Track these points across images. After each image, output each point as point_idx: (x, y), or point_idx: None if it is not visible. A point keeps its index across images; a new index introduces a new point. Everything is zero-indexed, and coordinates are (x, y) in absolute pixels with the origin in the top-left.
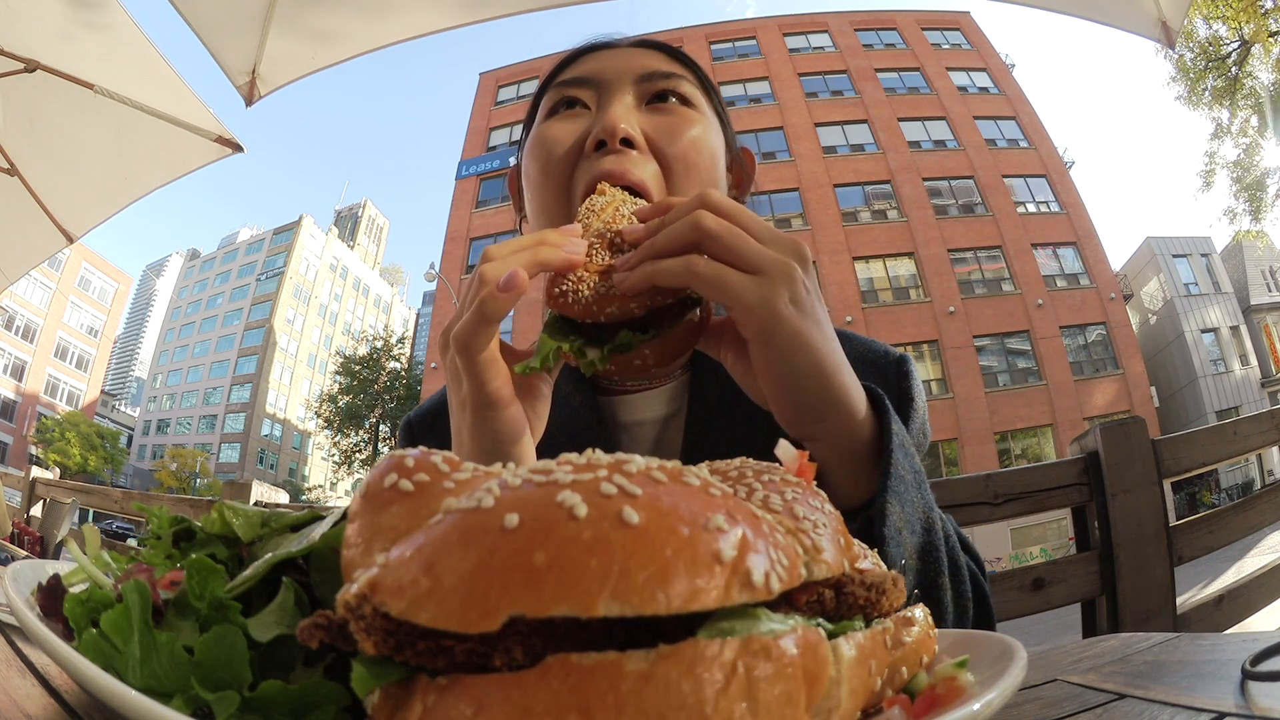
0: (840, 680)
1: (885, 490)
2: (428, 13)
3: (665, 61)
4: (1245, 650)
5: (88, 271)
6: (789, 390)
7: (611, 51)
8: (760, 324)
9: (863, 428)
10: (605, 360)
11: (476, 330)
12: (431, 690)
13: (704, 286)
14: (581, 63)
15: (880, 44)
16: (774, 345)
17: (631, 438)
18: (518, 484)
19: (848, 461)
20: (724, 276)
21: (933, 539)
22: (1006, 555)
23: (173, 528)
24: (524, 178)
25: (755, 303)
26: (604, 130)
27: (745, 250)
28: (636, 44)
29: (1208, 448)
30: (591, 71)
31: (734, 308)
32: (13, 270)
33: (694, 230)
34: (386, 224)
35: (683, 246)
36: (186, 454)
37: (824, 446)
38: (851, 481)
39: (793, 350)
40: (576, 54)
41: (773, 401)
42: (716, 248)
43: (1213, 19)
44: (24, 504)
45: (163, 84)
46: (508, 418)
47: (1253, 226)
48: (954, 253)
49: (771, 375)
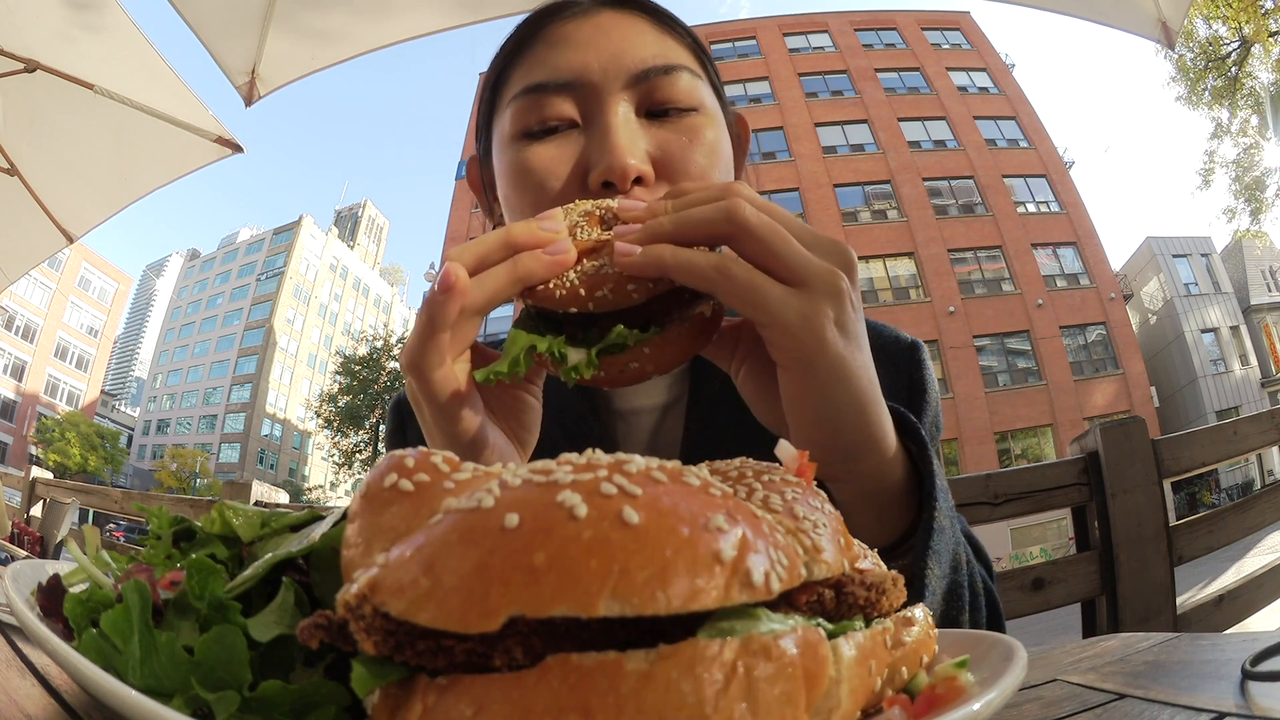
0: (840, 680)
1: (926, 553)
2: (427, 13)
3: (656, 40)
4: (1245, 650)
5: (88, 271)
6: (823, 429)
7: (587, 27)
8: (800, 349)
9: (895, 465)
10: (592, 365)
11: (423, 343)
12: (431, 690)
13: (733, 296)
14: (552, 46)
15: (880, 44)
16: (814, 376)
17: (629, 426)
18: (518, 484)
19: (875, 503)
20: (762, 287)
21: (958, 577)
22: (1006, 555)
23: (173, 528)
24: (501, 198)
25: (797, 324)
26: (611, 170)
27: (789, 255)
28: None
29: (1208, 448)
30: (570, 70)
31: (769, 326)
32: (13, 270)
33: (728, 221)
34: (386, 224)
35: (709, 236)
36: (186, 454)
37: (850, 488)
38: (877, 525)
39: (834, 383)
40: (539, 22)
41: (800, 439)
42: (753, 247)
43: (1213, 19)
44: (24, 504)
45: (162, 84)
46: (482, 445)
47: (1253, 227)
48: (954, 253)
49: (804, 410)
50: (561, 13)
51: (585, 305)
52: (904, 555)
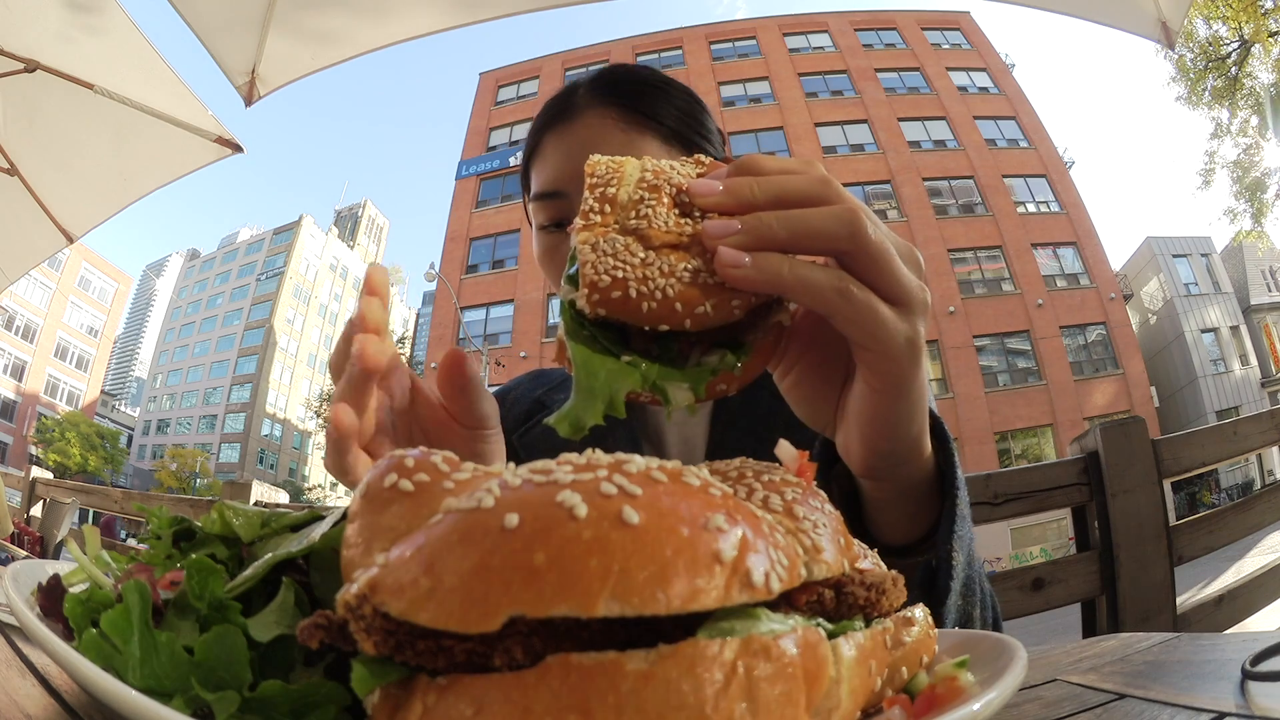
0: (840, 680)
1: (952, 538)
2: (427, 13)
3: (622, 140)
4: (1245, 650)
5: (88, 271)
6: (888, 438)
7: (568, 136)
8: (900, 373)
9: (929, 461)
10: (701, 394)
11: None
12: (431, 690)
13: (849, 320)
14: (545, 158)
15: (880, 44)
16: (904, 396)
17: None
18: (518, 484)
19: (911, 497)
20: (880, 313)
21: (972, 571)
22: (1006, 555)
23: (173, 528)
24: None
25: (903, 349)
26: None
27: (897, 275)
28: (599, 97)
29: (1208, 448)
30: (553, 183)
31: (874, 350)
32: (13, 270)
33: (851, 238)
34: (386, 224)
35: (824, 249)
36: (186, 454)
37: (890, 486)
38: (907, 520)
39: (911, 398)
40: (545, 127)
41: (863, 445)
42: (868, 267)
43: (1213, 19)
44: (24, 504)
45: (162, 84)
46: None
47: (1254, 228)
48: (954, 252)
49: (877, 422)
50: (557, 117)
51: (681, 323)
52: (927, 550)
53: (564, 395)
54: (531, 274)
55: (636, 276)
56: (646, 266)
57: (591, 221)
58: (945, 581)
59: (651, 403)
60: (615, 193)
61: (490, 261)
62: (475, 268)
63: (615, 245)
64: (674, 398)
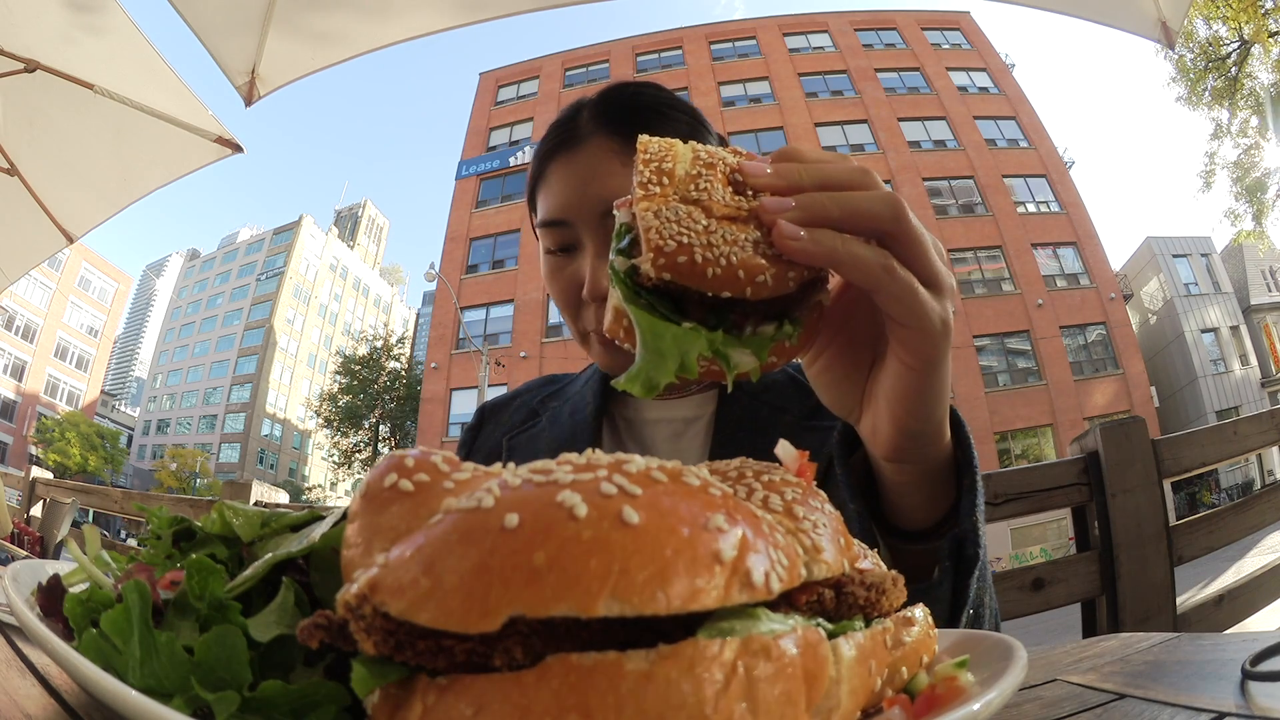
0: (840, 680)
1: (974, 509)
2: (428, 13)
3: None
4: (1245, 650)
5: (88, 271)
6: (919, 417)
7: (572, 166)
8: (934, 352)
9: (948, 447)
10: (764, 359)
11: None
12: (431, 690)
13: (891, 297)
14: (550, 186)
15: (880, 44)
16: (937, 376)
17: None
18: (518, 484)
19: (931, 480)
20: (920, 292)
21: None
22: (1006, 555)
23: (173, 528)
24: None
25: (939, 329)
26: (588, 294)
27: (932, 260)
28: (602, 125)
29: (1208, 448)
30: (558, 211)
31: (914, 328)
32: (13, 270)
33: (894, 219)
34: (386, 224)
35: (869, 229)
36: (186, 454)
37: (914, 469)
38: (928, 502)
39: (942, 377)
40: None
41: (893, 427)
42: (909, 248)
43: (1213, 19)
44: (24, 504)
45: (162, 84)
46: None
47: (1254, 229)
48: (954, 252)
49: (908, 400)
50: (561, 146)
51: (743, 291)
52: (947, 532)
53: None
54: (531, 274)
55: (701, 243)
56: (710, 234)
57: (651, 192)
58: (973, 549)
59: (711, 371)
60: (673, 167)
61: (490, 261)
62: (475, 268)
63: (678, 213)
64: (738, 362)
